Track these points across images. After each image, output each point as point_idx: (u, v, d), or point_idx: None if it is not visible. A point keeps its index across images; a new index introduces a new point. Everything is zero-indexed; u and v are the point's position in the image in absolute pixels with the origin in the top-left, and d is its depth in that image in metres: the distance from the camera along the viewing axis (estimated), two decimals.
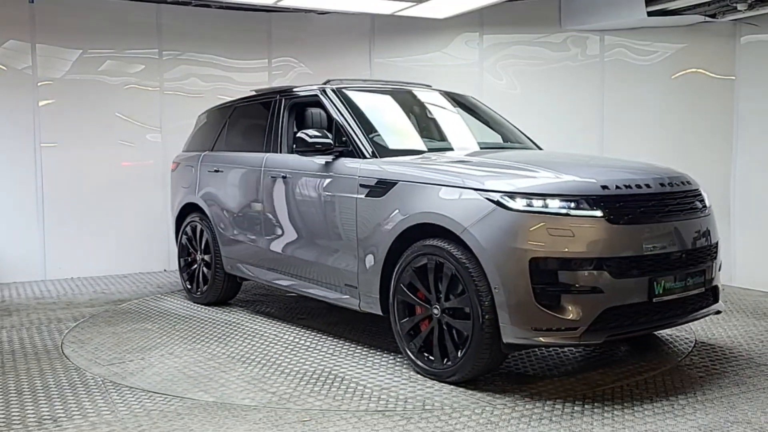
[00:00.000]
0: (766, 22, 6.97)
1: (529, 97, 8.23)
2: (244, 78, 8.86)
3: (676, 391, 4.15)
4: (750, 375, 4.44)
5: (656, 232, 4.12)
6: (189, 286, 6.86)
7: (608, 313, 3.94)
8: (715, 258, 4.51)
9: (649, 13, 7.07)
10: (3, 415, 3.85)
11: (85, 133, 8.09)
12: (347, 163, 5.05)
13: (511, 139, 5.90)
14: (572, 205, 3.97)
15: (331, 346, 5.15)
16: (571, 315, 3.89)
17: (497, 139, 5.90)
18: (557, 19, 8.16)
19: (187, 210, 6.93)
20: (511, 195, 4.03)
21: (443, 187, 4.34)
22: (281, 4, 7.33)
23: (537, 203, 3.98)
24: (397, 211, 4.57)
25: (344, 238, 5.01)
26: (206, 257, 6.62)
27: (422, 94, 6.02)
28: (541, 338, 3.92)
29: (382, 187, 4.72)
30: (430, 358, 4.37)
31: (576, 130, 8.09)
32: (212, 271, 6.50)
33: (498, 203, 4.03)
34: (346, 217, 4.98)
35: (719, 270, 4.60)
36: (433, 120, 5.91)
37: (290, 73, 8.98)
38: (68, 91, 8.03)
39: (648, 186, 4.24)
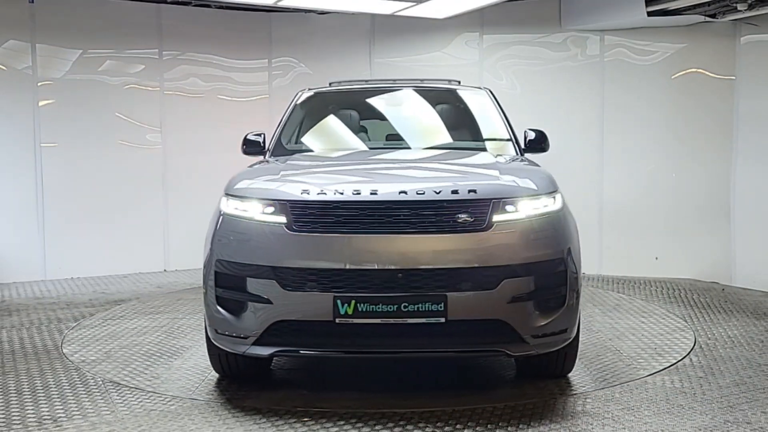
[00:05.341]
0: (766, 22, 6.96)
1: (529, 97, 8.22)
2: (244, 78, 8.87)
3: (676, 391, 4.15)
4: (750, 375, 4.44)
5: (354, 245, 3.73)
6: None
7: (281, 326, 3.76)
8: (497, 286, 3.69)
9: (649, 13, 7.06)
10: (3, 415, 3.85)
11: (85, 133, 8.09)
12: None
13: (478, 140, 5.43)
14: (266, 210, 3.87)
15: None
16: (243, 323, 3.84)
17: (464, 140, 5.43)
18: (557, 19, 8.16)
19: None
20: (227, 197, 4.11)
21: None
22: (281, 4, 7.33)
23: (240, 206, 3.98)
24: None
25: None
26: None
27: (414, 93, 5.85)
28: (223, 343, 3.98)
29: None
30: None
31: (576, 129, 8.09)
32: None
33: (220, 205, 4.15)
34: None
35: (539, 304, 3.80)
36: (398, 119, 5.78)
37: (290, 73, 8.98)
38: (68, 91, 8.02)
39: (374, 193, 3.81)
